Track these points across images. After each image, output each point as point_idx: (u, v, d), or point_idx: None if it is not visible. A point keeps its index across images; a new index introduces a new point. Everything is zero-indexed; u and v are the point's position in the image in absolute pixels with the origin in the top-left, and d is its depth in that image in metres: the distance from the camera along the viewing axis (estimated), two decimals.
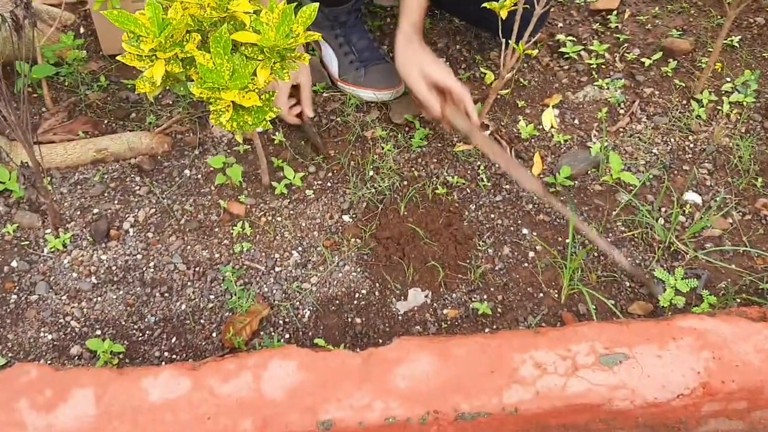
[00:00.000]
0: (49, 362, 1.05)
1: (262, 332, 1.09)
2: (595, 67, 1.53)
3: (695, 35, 1.61)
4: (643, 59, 1.54)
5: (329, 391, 0.88)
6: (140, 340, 1.08)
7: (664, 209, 1.26)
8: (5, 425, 0.85)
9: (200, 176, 1.31)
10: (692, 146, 1.37)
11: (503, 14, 1.16)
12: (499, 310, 1.12)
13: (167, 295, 1.13)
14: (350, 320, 1.11)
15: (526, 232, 1.22)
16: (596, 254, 1.19)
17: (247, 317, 1.09)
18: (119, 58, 0.97)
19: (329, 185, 1.30)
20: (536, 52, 1.56)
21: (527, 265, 1.18)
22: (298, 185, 1.28)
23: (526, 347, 0.92)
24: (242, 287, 1.14)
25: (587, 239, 1.17)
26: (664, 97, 1.46)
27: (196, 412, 0.86)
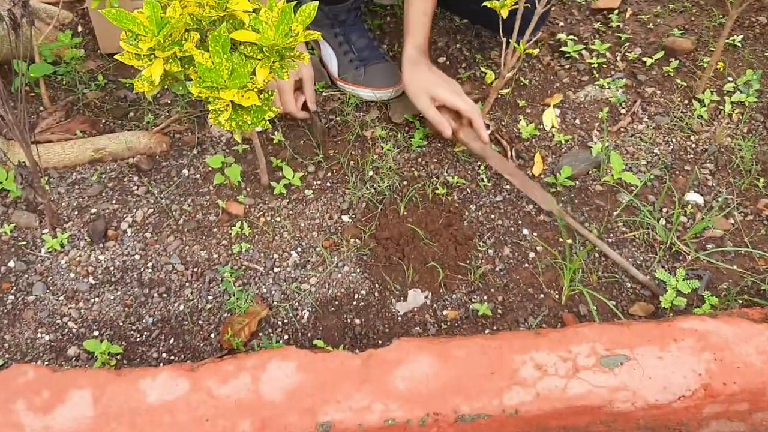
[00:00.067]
0: (46, 363, 1.04)
1: (260, 333, 1.09)
2: (596, 66, 1.52)
3: (697, 34, 1.60)
4: (644, 59, 1.53)
5: (328, 392, 0.87)
6: (138, 341, 1.08)
7: (665, 210, 1.25)
8: (3, 426, 0.84)
9: (199, 176, 1.30)
10: (694, 146, 1.36)
11: (504, 13, 1.15)
12: (499, 311, 1.11)
13: (165, 295, 1.13)
14: (349, 321, 1.10)
15: (526, 232, 1.22)
16: (597, 255, 1.18)
17: (245, 318, 1.09)
18: (117, 57, 0.97)
19: (328, 185, 1.29)
20: (537, 51, 1.56)
21: (528, 265, 1.17)
22: (297, 185, 1.28)
23: (526, 348, 0.92)
24: (241, 288, 1.13)
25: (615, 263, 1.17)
26: (665, 96, 1.46)
27: (194, 413, 0.85)
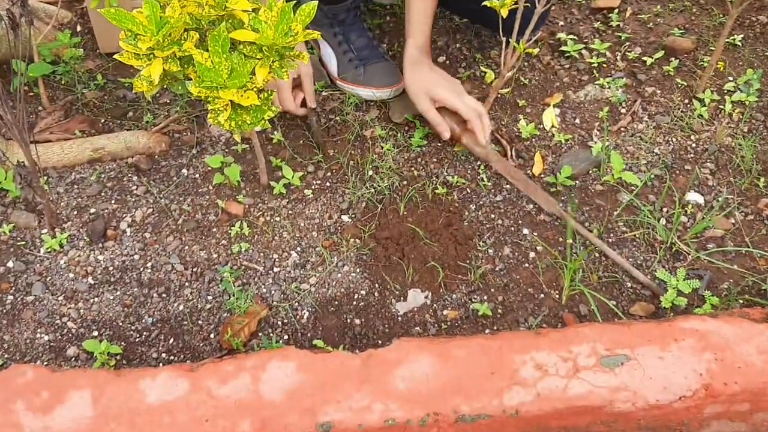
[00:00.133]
0: (45, 363, 1.04)
1: (260, 333, 1.08)
2: (596, 65, 1.52)
3: (697, 34, 1.60)
4: (644, 58, 1.53)
5: (328, 392, 0.87)
6: (138, 341, 1.07)
7: (665, 209, 1.25)
8: (2, 427, 0.84)
9: (198, 176, 1.30)
10: (694, 146, 1.36)
11: (504, 12, 1.15)
12: (499, 311, 1.11)
13: (165, 295, 1.13)
14: (349, 321, 1.10)
15: (526, 232, 1.21)
16: (597, 255, 1.18)
17: (245, 318, 1.08)
18: (116, 56, 0.96)
19: (328, 185, 1.29)
20: (537, 50, 1.55)
21: (528, 265, 1.17)
22: (296, 185, 1.27)
23: (526, 348, 0.91)
24: (240, 288, 1.13)
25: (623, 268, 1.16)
26: (665, 96, 1.46)
27: (194, 413, 0.85)
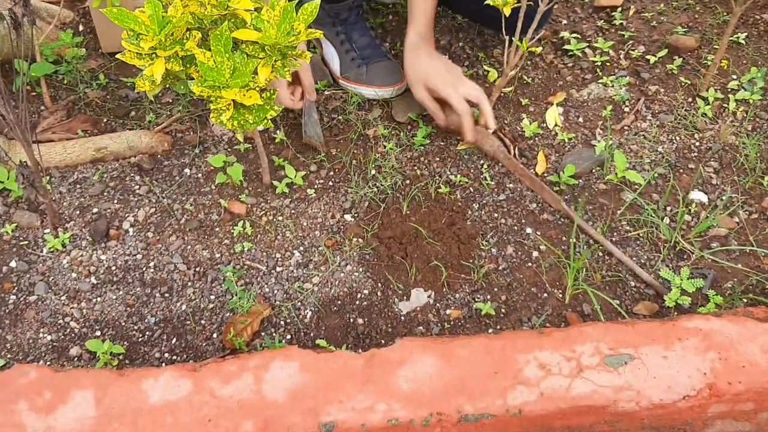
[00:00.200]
0: (48, 363, 1.04)
1: (263, 333, 1.08)
2: (599, 64, 1.52)
3: (701, 32, 1.59)
4: (648, 56, 1.52)
5: (331, 392, 0.87)
6: (140, 341, 1.07)
7: (669, 208, 1.24)
8: (4, 427, 0.84)
9: (200, 175, 1.30)
10: (698, 144, 1.35)
11: (507, 11, 1.14)
12: (502, 310, 1.11)
13: (167, 295, 1.12)
14: (352, 321, 1.10)
15: (529, 231, 1.21)
16: (601, 254, 1.18)
17: (248, 318, 1.08)
18: (119, 56, 0.96)
19: (331, 184, 1.29)
20: (540, 49, 1.55)
21: (531, 264, 1.17)
22: (299, 184, 1.27)
23: (530, 348, 0.91)
24: (243, 287, 1.13)
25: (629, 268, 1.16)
26: (669, 94, 1.45)
27: (196, 414, 0.85)
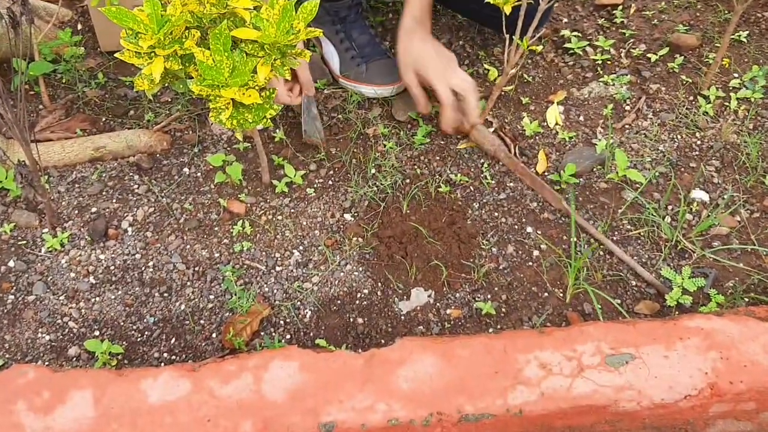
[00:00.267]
0: (47, 363, 1.04)
1: (262, 333, 1.08)
2: (600, 62, 1.51)
3: (702, 30, 1.59)
4: (649, 55, 1.52)
5: (331, 392, 0.86)
6: (139, 340, 1.07)
7: (670, 207, 1.24)
8: (3, 427, 0.84)
9: (200, 174, 1.29)
10: (699, 143, 1.35)
11: (507, 10, 1.14)
12: (503, 309, 1.11)
13: (166, 295, 1.12)
14: (352, 320, 1.09)
15: (530, 230, 1.21)
16: (601, 253, 1.17)
17: (247, 317, 1.08)
18: (117, 55, 0.96)
19: (330, 183, 1.28)
20: (540, 47, 1.54)
21: (532, 264, 1.16)
22: (298, 183, 1.27)
23: (530, 347, 0.91)
24: (242, 287, 1.13)
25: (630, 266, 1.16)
26: (670, 93, 1.45)
27: (195, 414, 0.85)
